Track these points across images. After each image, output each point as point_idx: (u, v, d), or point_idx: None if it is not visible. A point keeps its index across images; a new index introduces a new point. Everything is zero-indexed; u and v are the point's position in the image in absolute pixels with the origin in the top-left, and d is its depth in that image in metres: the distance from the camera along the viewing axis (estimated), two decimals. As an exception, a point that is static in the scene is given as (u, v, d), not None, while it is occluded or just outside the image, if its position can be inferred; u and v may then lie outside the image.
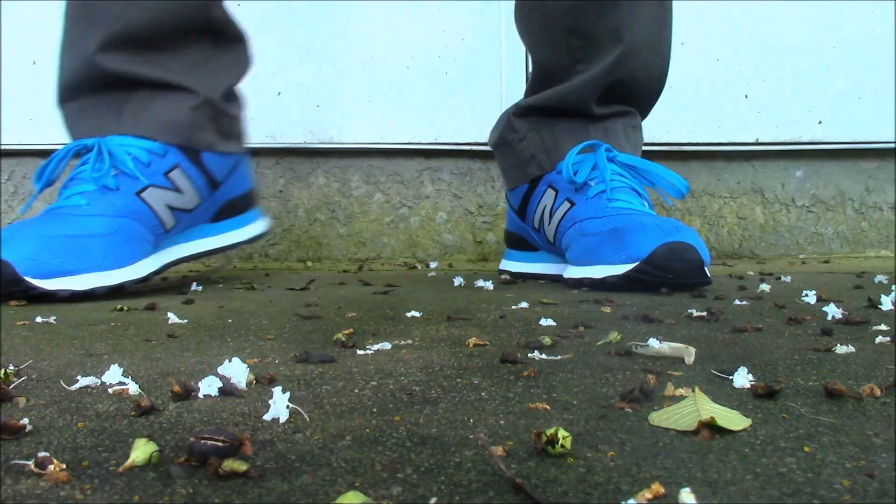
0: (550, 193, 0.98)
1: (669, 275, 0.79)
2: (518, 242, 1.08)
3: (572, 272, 0.90)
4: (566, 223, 0.94)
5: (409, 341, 0.52)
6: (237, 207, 1.02)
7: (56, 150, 0.91)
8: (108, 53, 0.89)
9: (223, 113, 0.96)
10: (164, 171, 0.90)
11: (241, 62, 1.00)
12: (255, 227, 1.04)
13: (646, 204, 0.93)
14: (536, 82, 1.03)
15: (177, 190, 0.91)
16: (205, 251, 1.00)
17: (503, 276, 1.04)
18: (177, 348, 0.50)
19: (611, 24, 0.94)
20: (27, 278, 0.75)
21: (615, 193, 0.91)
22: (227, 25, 0.97)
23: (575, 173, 0.94)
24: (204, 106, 0.93)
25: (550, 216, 0.98)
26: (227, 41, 0.97)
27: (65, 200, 0.86)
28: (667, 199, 0.97)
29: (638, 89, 1.00)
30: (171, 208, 0.91)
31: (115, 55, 0.90)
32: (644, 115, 1.06)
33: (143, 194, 0.88)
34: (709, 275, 0.82)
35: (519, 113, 1.03)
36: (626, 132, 1.01)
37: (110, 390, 0.37)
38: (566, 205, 0.95)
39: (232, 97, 0.99)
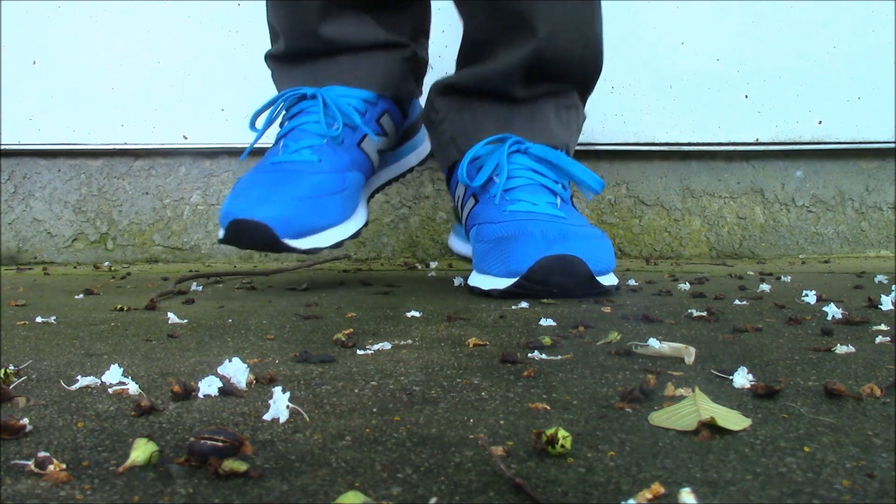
0: (462, 185, 0.92)
1: (553, 288, 0.74)
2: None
3: (471, 278, 0.85)
4: (470, 222, 0.90)
5: (409, 341, 0.52)
6: (410, 132, 1.06)
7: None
8: (328, 23, 0.92)
9: (423, 61, 1.00)
10: (377, 118, 0.94)
11: (429, 7, 1.03)
12: (422, 148, 1.09)
13: (558, 201, 0.86)
14: (462, 55, 0.96)
15: (384, 134, 0.95)
16: (389, 180, 1.04)
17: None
18: (177, 348, 0.50)
19: (522, 9, 0.86)
20: (284, 240, 0.80)
21: (517, 193, 0.85)
22: None
23: (479, 168, 0.88)
24: (412, 58, 0.97)
25: (462, 208, 0.93)
26: None
27: (293, 154, 0.88)
28: (587, 194, 0.89)
29: (568, 68, 0.91)
30: (379, 152, 0.95)
31: (335, 22, 0.92)
32: (583, 91, 0.97)
33: (362, 144, 0.92)
34: (604, 283, 0.77)
35: (440, 91, 0.96)
36: (557, 113, 0.93)
37: (110, 390, 0.37)
38: (472, 201, 0.90)
39: (422, 39, 1.02)
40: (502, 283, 0.77)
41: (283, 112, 0.93)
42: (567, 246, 0.75)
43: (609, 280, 0.79)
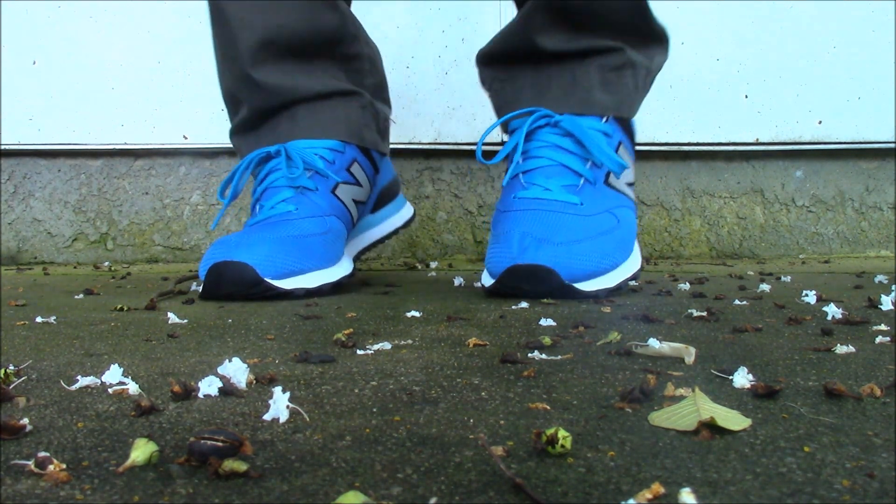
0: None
1: (525, 292, 0.75)
2: None
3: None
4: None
5: (409, 341, 0.52)
6: (388, 196, 1.06)
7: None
8: (261, 68, 0.90)
9: (383, 115, 1.00)
10: (347, 167, 0.93)
11: (380, 62, 1.02)
12: (405, 211, 1.10)
13: (580, 182, 0.82)
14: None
15: (357, 184, 0.95)
16: (376, 241, 1.05)
17: None
18: (177, 348, 0.50)
19: None
20: (267, 279, 0.78)
21: (533, 176, 0.83)
22: (360, 30, 0.98)
23: (509, 131, 0.86)
24: (369, 106, 0.97)
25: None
26: (365, 42, 0.99)
27: (270, 211, 0.87)
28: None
29: (605, 7, 0.84)
30: (355, 202, 0.95)
31: (271, 68, 0.91)
32: (634, 39, 0.87)
33: (336, 191, 0.91)
34: (584, 290, 0.75)
35: (482, 61, 0.94)
36: (603, 76, 0.86)
37: (110, 390, 0.37)
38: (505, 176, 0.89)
39: (379, 97, 1.01)
40: (488, 280, 0.80)
41: (253, 179, 0.92)
42: (539, 255, 0.74)
43: (595, 285, 0.77)
